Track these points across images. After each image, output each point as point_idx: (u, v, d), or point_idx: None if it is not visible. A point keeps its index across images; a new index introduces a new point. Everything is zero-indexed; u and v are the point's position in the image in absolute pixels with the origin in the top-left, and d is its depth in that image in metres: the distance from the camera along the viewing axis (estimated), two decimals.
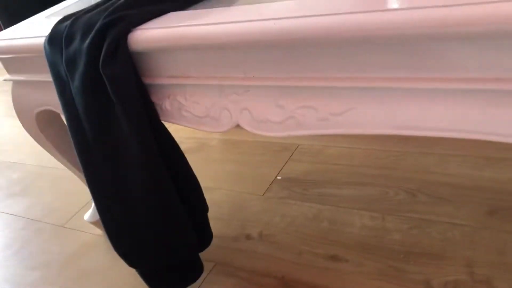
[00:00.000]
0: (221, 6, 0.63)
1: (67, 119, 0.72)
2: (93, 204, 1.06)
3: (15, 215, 1.24)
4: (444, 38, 0.44)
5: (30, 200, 1.30)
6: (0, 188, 1.40)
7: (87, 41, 0.64)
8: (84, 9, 0.76)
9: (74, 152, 0.89)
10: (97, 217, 1.05)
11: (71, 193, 1.27)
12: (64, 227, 1.14)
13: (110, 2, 0.71)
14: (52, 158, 1.00)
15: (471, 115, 0.47)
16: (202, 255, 0.87)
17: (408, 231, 0.88)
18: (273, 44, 0.53)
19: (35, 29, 0.82)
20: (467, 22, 0.41)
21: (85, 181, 1.00)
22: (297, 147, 1.23)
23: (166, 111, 0.69)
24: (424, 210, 0.92)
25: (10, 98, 0.90)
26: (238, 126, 0.63)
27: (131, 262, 0.77)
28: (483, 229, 0.84)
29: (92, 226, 1.08)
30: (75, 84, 0.68)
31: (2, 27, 2.55)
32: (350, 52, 0.50)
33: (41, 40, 0.73)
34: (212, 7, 0.64)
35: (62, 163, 0.99)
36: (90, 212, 1.06)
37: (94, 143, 0.71)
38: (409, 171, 1.03)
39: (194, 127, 0.68)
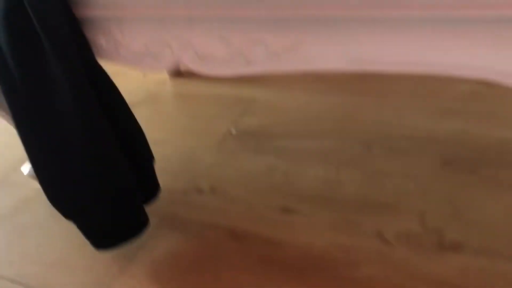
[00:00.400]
0: None
1: None
2: None
3: None
4: None
5: None
6: None
7: None
8: None
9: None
10: None
11: (8, 147, 1.19)
12: (3, 181, 1.07)
13: None
14: None
15: (428, 46, 0.43)
16: (149, 209, 0.82)
17: (362, 184, 0.86)
18: None
19: None
20: None
21: None
22: (252, 100, 1.18)
23: (101, 49, 0.63)
24: (379, 162, 0.90)
25: None
26: (180, 63, 0.58)
27: (66, 213, 0.71)
28: (437, 180, 0.83)
29: (31, 180, 1.01)
30: None
31: None
32: None
33: None
34: None
35: None
36: (29, 165, 0.99)
37: (22, 85, 0.64)
38: (364, 124, 1.00)
39: (133, 66, 0.61)
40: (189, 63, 0.56)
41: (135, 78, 1.44)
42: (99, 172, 0.66)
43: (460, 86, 1.09)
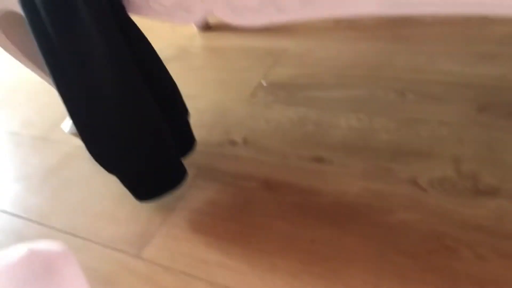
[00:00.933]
0: None
1: (28, 20, 0.66)
2: None
3: None
4: None
5: (9, 113, 1.26)
6: None
7: None
8: None
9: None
10: None
11: (49, 106, 1.23)
12: (45, 139, 1.11)
13: None
14: (28, 73, 0.95)
15: None
16: (186, 161, 0.85)
17: (396, 131, 0.85)
18: None
19: None
20: None
21: (48, 81, 0.95)
22: (282, 51, 1.17)
23: (132, 3, 0.63)
24: (413, 109, 0.89)
25: None
26: (211, 14, 0.58)
27: (108, 167, 0.74)
28: (472, 126, 0.82)
29: (72, 137, 1.05)
30: None
31: None
32: None
33: None
34: None
35: (31, 69, 0.94)
36: (68, 122, 1.03)
37: (59, 44, 0.65)
38: (398, 71, 0.99)
39: (164, 19, 0.62)
40: (221, 14, 0.56)
41: (164, 33, 1.44)
42: (136, 125, 0.69)
43: (498, 29, 1.04)
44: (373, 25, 1.17)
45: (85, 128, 0.72)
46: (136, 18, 0.66)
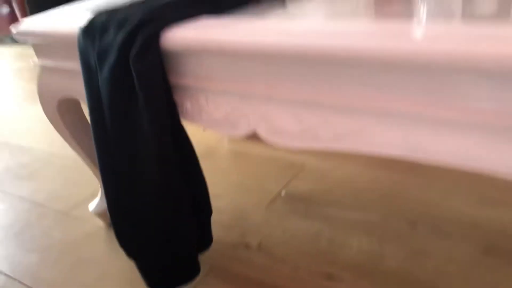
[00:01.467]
0: (256, 15, 0.66)
1: (90, 108, 0.75)
2: (99, 195, 1.08)
3: (21, 197, 1.26)
4: (465, 72, 0.46)
5: (37, 184, 1.32)
6: (9, 169, 1.43)
7: (121, 35, 0.67)
8: (121, 4, 0.79)
9: (88, 141, 0.92)
10: (102, 208, 1.06)
11: (77, 182, 1.30)
12: (67, 214, 1.16)
13: (150, 1, 0.74)
14: (62, 146, 1.03)
15: (483, 149, 0.49)
16: (200, 257, 0.88)
17: (404, 260, 0.89)
18: (297, 60, 0.56)
19: (70, 18, 0.86)
20: (489, 59, 0.43)
21: (94, 170, 1.03)
22: (303, 165, 1.25)
23: (186, 111, 0.72)
24: (422, 241, 0.93)
25: (27, 83, 0.93)
26: (254, 132, 0.66)
27: (129, 249, 0.78)
28: (477, 267, 0.86)
29: (94, 217, 1.10)
30: (104, 75, 0.71)
31: (28, 12, 2.61)
32: (370, 73, 0.53)
33: (76, 29, 0.76)
34: (247, 15, 0.67)
35: (75, 150, 1.02)
36: (95, 203, 1.08)
37: (113, 133, 0.74)
38: (411, 202, 1.05)
39: (212, 129, 0.70)
40: (263, 133, 0.64)
41: (196, 132, 1.54)
42: (168, 216, 0.74)
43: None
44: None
45: (118, 211, 0.78)
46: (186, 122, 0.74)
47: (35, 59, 0.91)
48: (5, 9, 2.76)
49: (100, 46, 0.71)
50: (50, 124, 0.98)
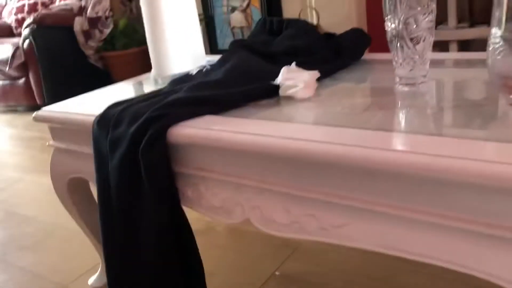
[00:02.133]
0: (253, 115, 0.74)
1: (99, 189, 0.82)
2: (99, 269, 1.12)
3: (22, 268, 1.30)
4: (445, 184, 0.52)
5: (39, 256, 1.36)
6: (13, 239, 1.47)
7: (133, 128, 0.75)
8: (134, 98, 0.88)
9: (92, 218, 0.98)
10: (101, 283, 1.10)
11: (78, 255, 1.33)
12: (67, 287, 1.19)
13: (159, 98, 0.83)
14: (65, 218, 1.08)
15: (460, 250, 0.54)
16: None
17: None
18: (286, 160, 0.63)
19: (85, 108, 0.95)
20: (469, 174, 0.49)
21: (96, 245, 1.08)
22: (299, 245, 1.29)
23: (187, 197, 0.78)
24: None
25: (38, 152, 1.00)
26: (248, 220, 0.72)
27: None
28: None
29: None
30: (114, 162, 0.79)
31: (43, 84, 2.76)
32: (355, 177, 0.59)
33: (91, 119, 0.85)
34: (245, 115, 0.75)
35: (80, 225, 1.07)
36: (95, 277, 1.12)
37: (118, 213, 0.80)
38: (401, 286, 1.08)
39: (209, 215, 0.76)
40: (256, 222, 0.70)
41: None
42: None
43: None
44: None
45: (118, 283, 0.83)
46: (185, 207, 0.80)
47: (51, 141, 1.00)
48: (21, 80, 2.91)
49: (112, 136, 0.79)
50: (56, 196, 1.04)
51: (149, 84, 1.11)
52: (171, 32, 1.03)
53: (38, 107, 1.08)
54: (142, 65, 2.70)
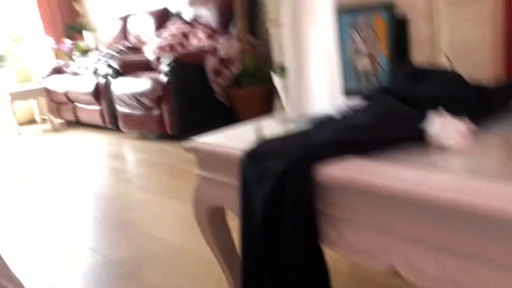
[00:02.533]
0: (401, 160, 0.74)
1: (243, 221, 0.87)
2: None
3: (153, 286, 1.39)
4: None
5: (166, 276, 1.45)
6: (145, 258, 1.59)
7: (283, 164, 0.79)
8: (281, 135, 0.92)
9: (225, 245, 1.03)
10: None
11: (204, 280, 1.40)
12: None
13: (306, 136, 0.87)
14: (191, 243, 1.13)
15: None
16: None
17: None
18: (433, 210, 0.62)
19: (233, 141, 1.01)
20: None
21: (225, 271, 1.12)
22: None
23: (327, 237, 0.79)
24: None
25: (167, 180, 1.07)
26: (392, 268, 0.70)
27: None
28: None
29: None
30: (259, 193, 0.83)
31: (175, 115, 2.99)
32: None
33: (238, 152, 0.91)
34: (392, 159, 0.75)
35: (213, 251, 1.13)
36: None
37: (261, 242, 0.84)
38: None
39: (351, 258, 0.76)
40: (401, 269, 0.69)
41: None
42: None
43: None
44: None
45: None
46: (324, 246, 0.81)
47: (197, 170, 1.08)
48: (156, 111, 3.19)
49: (260, 170, 0.84)
50: (182, 220, 1.11)
51: (282, 123, 1.14)
52: (314, 72, 1.06)
53: (168, 136, 1.18)
54: (266, 102, 2.83)
